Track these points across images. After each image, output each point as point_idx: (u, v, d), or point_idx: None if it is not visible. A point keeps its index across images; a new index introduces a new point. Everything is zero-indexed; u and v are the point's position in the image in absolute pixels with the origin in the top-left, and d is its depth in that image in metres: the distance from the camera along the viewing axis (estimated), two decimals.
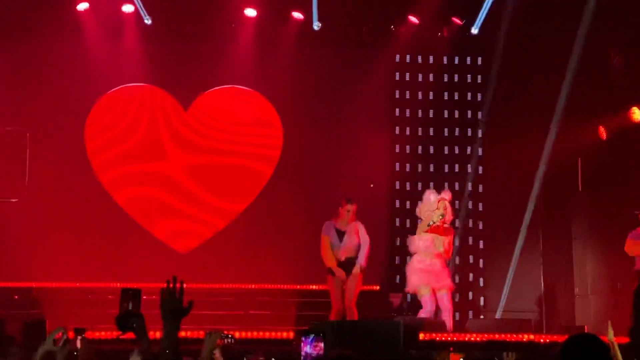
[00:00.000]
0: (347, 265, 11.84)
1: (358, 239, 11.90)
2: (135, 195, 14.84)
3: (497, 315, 14.13)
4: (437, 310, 12.15)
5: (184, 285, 4.00)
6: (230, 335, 5.18)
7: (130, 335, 4.23)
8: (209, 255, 14.46)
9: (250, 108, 15.23)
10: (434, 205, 12.26)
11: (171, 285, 3.96)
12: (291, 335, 11.10)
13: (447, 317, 12.06)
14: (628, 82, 14.43)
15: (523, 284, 14.37)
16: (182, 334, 10.03)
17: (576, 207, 13.56)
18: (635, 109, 14.27)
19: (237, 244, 14.54)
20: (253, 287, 14.23)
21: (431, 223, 12.18)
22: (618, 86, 14.51)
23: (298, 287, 14.29)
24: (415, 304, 12.99)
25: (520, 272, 14.35)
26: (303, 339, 4.50)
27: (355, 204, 12.00)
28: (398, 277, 14.71)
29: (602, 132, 14.51)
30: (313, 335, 4.49)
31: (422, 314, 12.16)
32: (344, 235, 11.91)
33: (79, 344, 6.13)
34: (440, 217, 12.15)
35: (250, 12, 14.55)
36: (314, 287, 14.21)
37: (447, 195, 12.43)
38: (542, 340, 11.21)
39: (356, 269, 11.77)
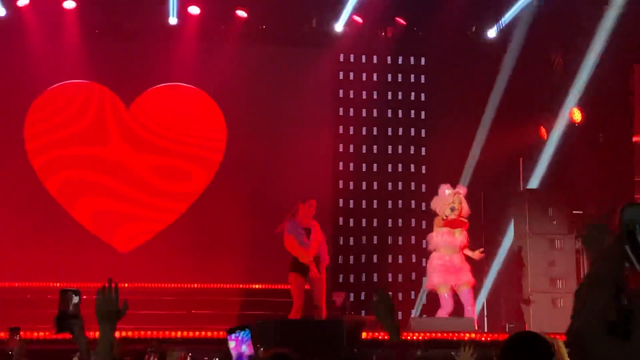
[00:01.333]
0: (314, 263, 11.92)
1: (321, 236, 12.00)
2: (77, 194, 14.66)
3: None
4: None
5: (125, 285, 3.95)
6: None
7: (67, 335, 4.17)
8: (152, 254, 14.32)
9: (194, 106, 15.14)
10: (449, 199, 12.36)
11: (106, 287, 3.89)
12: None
13: (470, 313, 12.12)
14: (569, 83, 14.62)
15: None
16: (125, 334, 9.94)
17: (518, 206, 13.66)
18: (575, 110, 14.45)
19: (180, 243, 14.44)
20: (196, 287, 14.15)
21: (445, 216, 12.26)
22: (558, 87, 14.70)
23: (241, 286, 14.25)
24: (348, 304, 13.02)
25: None
26: (232, 336, 4.38)
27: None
28: (341, 276, 14.75)
29: (543, 132, 14.68)
30: (241, 331, 4.38)
31: (441, 312, 12.25)
32: (309, 232, 11.96)
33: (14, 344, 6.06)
34: (456, 210, 12.24)
35: (194, 10, 14.44)
36: (257, 286, 14.20)
37: (461, 189, 12.52)
38: (483, 339, 11.28)
39: (321, 267, 11.86)
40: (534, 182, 14.22)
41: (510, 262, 13.80)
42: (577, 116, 14.46)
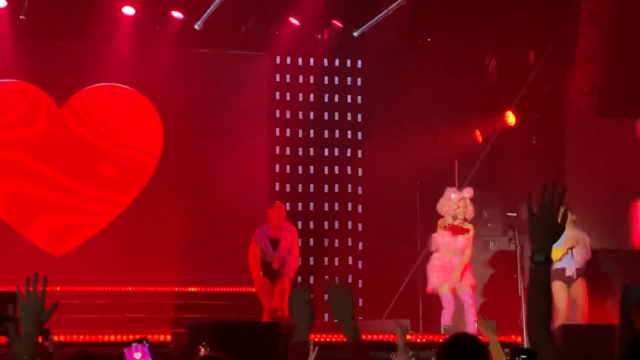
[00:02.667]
0: (279, 269, 12.33)
1: (289, 241, 12.30)
2: (8, 198, 14.42)
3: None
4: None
5: (57, 289, 3.87)
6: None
7: (2, 339, 4.09)
8: (86, 257, 14.13)
9: (129, 107, 14.99)
10: (454, 204, 12.32)
11: (31, 286, 3.78)
12: (169, 338, 10.96)
13: (471, 316, 12.02)
14: (503, 87, 14.79)
15: (401, 285, 14.52)
16: (58, 338, 9.79)
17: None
18: (509, 113, 14.62)
19: (115, 246, 14.28)
20: (130, 290, 13.98)
21: (450, 221, 12.22)
22: (493, 90, 14.86)
23: (176, 289, 14.14)
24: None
25: (399, 274, 14.50)
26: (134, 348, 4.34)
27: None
28: None
29: (478, 136, 14.81)
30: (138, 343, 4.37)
31: (445, 314, 12.22)
32: (278, 242, 12.25)
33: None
34: (459, 218, 12.21)
35: (129, 10, 14.26)
36: (192, 289, 14.10)
37: (468, 192, 12.48)
38: (419, 340, 11.33)
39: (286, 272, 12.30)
40: (470, 185, 14.32)
41: None
42: (511, 119, 14.63)
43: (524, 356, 3.90)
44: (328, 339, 10.62)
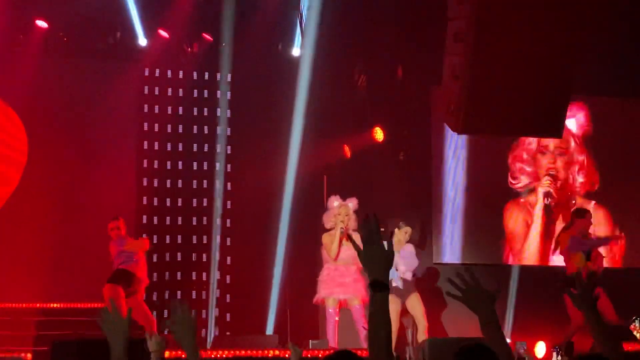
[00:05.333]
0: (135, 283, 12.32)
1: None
2: None
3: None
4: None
5: None
6: None
7: None
8: None
9: None
10: (336, 210, 12.07)
11: None
12: (29, 357, 10.65)
13: (361, 330, 11.74)
14: (371, 102, 14.97)
15: (268, 299, 14.51)
16: None
17: (322, 224, 13.81)
18: (377, 129, 14.81)
19: None
20: None
21: (341, 231, 11.95)
22: (362, 106, 15.02)
23: (38, 305, 13.74)
24: None
25: (267, 289, 14.49)
26: None
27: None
28: (156, 293, 14.52)
29: (347, 151, 14.94)
30: None
31: (328, 327, 11.95)
32: (133, 255, 12.16)
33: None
34: (343, 223, 11.96)
35: None
36: (55, 305, 13.72)
37: (351, 202, 12.26)
38: (287, 356, 11.31)
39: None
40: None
41: (314, 277, 13.90)
42: (379, 135, 14.82)
43: None
44: None
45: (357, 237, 11.77)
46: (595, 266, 11.97)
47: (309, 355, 10.89)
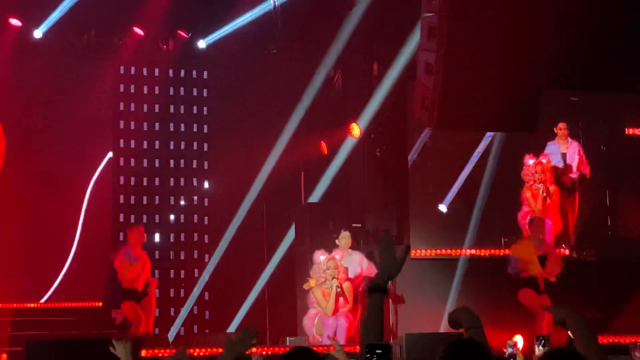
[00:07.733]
0: (144, 289, 12.32)
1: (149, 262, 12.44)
2: None
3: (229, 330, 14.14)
4: None
5: None
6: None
7: None
8: None
9: None
10: (324, 265, 11.76)
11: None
12: (4, 357, 10.61)
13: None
14: (348, 99, 14.96)
15: (247, 296, 14.50)
16: None
17: (299, 219, 13.81)
18: (354, 125, 14.78)
19: None
20: None
21: (337, 290, 11.60)
22: (338, 102, 15.01)
23: (15, 305, 13.67)
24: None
25: (247, 286, 14.48)
26: None
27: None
28: None
29: (324, 147, 14.93)
30: None
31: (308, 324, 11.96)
32: (137, 261, 12.20)
33: None
34: (336, 279, 11.64)
35: None
36: (31, 305, 13.67)
37: (337, 253, 12.04)
38: (264, 352, 11.30)
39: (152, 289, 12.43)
40: (316, 196, 14.42)
41: (291, 273, 13.92)
42: (356, 131, 14.79)
43: (380, 351, 4.10)
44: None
45: (347, 287, 11.79)
46: (551, 273, 11.77)
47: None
